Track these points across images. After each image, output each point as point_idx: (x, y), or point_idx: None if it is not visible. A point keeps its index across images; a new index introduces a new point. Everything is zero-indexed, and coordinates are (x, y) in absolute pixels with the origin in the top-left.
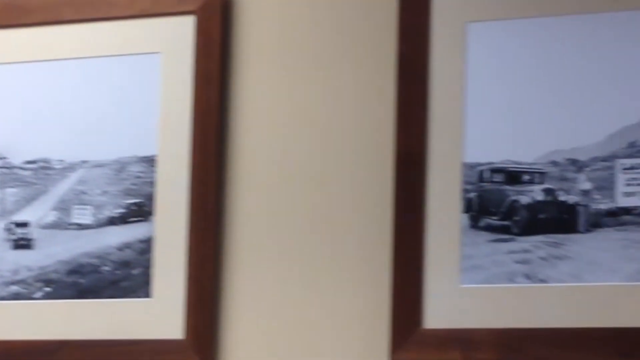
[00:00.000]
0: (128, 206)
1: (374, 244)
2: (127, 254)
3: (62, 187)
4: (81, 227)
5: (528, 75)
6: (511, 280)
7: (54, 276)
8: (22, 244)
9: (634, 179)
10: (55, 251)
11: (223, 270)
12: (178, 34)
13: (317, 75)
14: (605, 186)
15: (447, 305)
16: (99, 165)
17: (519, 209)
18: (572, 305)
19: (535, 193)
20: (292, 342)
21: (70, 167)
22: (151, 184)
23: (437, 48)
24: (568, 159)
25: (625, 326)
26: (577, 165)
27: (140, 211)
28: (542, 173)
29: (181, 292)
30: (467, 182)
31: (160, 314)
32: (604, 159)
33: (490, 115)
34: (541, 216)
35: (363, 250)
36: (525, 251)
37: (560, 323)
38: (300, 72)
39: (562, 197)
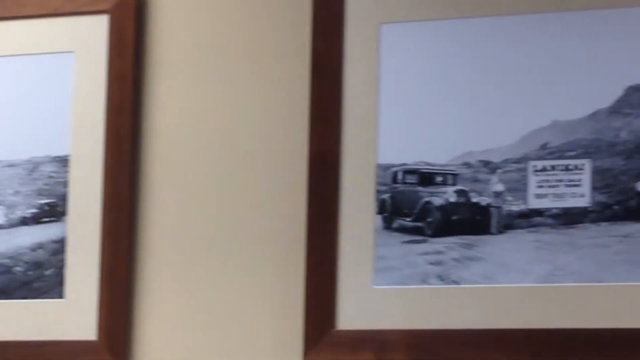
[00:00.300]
0: (41, 206)
1: (288, 244)
2: (40, 255)
3: None
4: None
5: (442, 76)
6: (424, 281)
7: None
8: None
9: (545, 180)
10: None
11: (136, 271)
12: (91, 33)
13: (231, 75)
14: (518, 188)
15: (361, 306)
16: (11, 165)
17: (432, 210)
18: (485, 306)
19: (448, 194)
20: (205, 342)
21: None
22: (64, 184)
23: (351, 49)
24: (481, 161)
25: (536, 327)
26: (490, 166)
27: (53, 211)
28: (454, 174)
29: (94, 293)
30: (380, 184)
31: (73, 315)
32: (517, 161)
33: (404, 117)
34: (454, 217)
35: (277, 251)
36: (438, 252)
37: (472, 324)
38: (214, 72)
39: (475, 199)
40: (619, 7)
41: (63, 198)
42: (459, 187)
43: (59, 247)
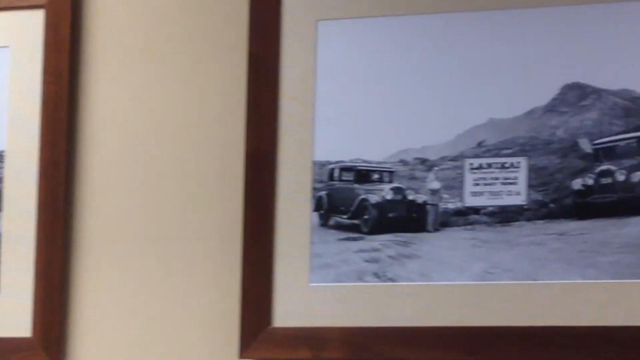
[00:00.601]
0: None
1: (224, 242)
2: None
3: None
4: None
5: (379, 74)
6: (360, 279)
7: None
8: None
9: (481, 178)
10: None
11: (72, 268)
12: (27, 29)
13: (168, 73)
14: (454, 185)
15: (297, 304)
16: None
17: (368, 207)
18: (421, 304)
19: (384, 192)
20: (142, 340)
21: None
22: None
23: (288, 46)
24: (417, 158)
25: (472, 325)
26: (426, 164)
27: None
28: (391, 172)
29: (29, 289)
30: (317, 181)
31: (8, 311)
32: (453, 159)
33: (340, 114)
34: (390, 215)
35: (213, 249)
36: (375, 250)
37: (409, 322)
38: (150, 69)
39: (411, 196)
40: (555, 5)
41: None
42: (395, 184)
43: None
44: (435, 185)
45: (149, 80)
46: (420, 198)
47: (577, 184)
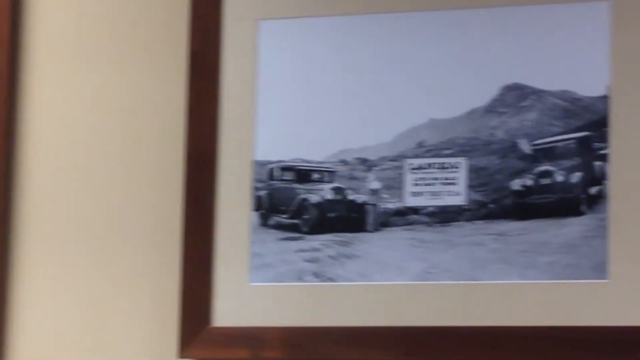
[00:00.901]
0: None
1: (164, 242)
2: None
3: None
4: None
5: (320, 73)
6: (300, 278)
7: None
8: None
9: (421, 178)
10: None
11: (10, 266)
12: None
13: (108, 72)
14: (394, 186)
15: (237, 304)
16: None
17: (308, 207)
18: (360, 304)
19: (324, 192)
20: (81, 340)
21: None
22: None
23: (229, 46)
24: (357, 158)
25: (411, 325)
26: (367, 164)
27: None
28: (331, 172)
29: None
30: (257, 180)
31: None
32: (393, 159)
33: (281, 114)
34: (330, 215)
35: (153, 248)
36: (315, 250)
37: (348, 322)
38: (90, 68)
39: (351, 196)
40: (495, 5)
41: None
42: (335, 184)
43: None
44: (376, 185)
45: (88, 79)
46: (360, 198)
47: (516, 184)
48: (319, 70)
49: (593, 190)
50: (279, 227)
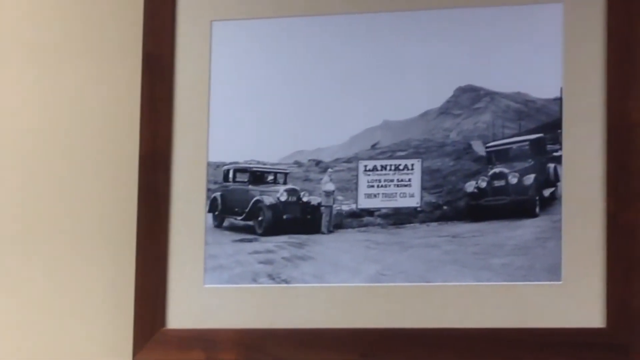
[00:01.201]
0: None
1: (119, 243)
2: None
3: None
4: None
5: (273, 75)
6: (254, 280)
7: None
8: None
9: (376, 180)
10: None
11: None
12: None
13: (63, 72)
14: (348, 187)
15: (191, 305)
16: None
17: (262, 209)
18: (315, 305)
19: (279, 193)
20: (35, 342)
21: None
22: None
23: (183, 47)
24: (312, 160)
25: (366, 327)
26: (321, 166)
27: None
28: (285, 173)
29: None
30: (211, 182)
31: None
32: (347, 160)
33: (235, 115)
34: (285, 217)
35: (107, 249)
36: (269, 251)
37: (303, 323)
38: (45, 68)
39: (306, 198)
40: (449, 7)
41: None
42: (289, 186)
43: None
44: (330, 187)
45: (42, 80)
46: (315, 200)
47: (470, 186)
48: (273, 72)
49: (547, 192)
50: (234, 228)
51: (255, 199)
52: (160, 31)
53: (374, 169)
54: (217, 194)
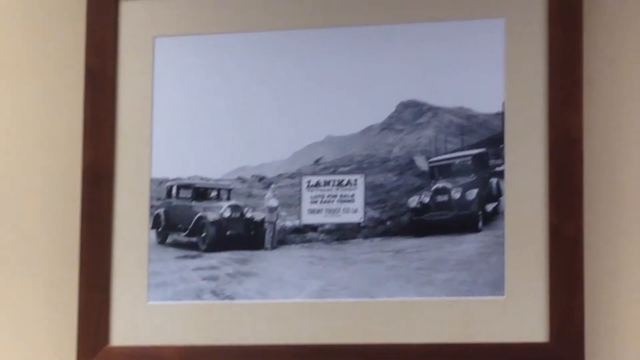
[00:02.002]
0: None
1: (61, 260)
2: None
3: None
4: None
5: (216, 91)
6: (198, 297)
7: None
8: None
9: (319, 196)
10: None
11: None
12: None
13: (5, 87)
14: (292, 203)
15: (135, 322)
16: None
17: (206, 225)
18: (259, 321)
19: (222, 209)
20: None
21: None
22: None
23: (125, 62)
24: (255, 176)
25: (311, 343)
26: (264, 181)
27: None
28: (229, 189)
29: None
30: (155, 198)
31: None
32: (290, 176)
33: (178, 131)
34: (228, 233)
35: (49, 266)
36: (213, 268)
37: (247, 340)
38: None
39: (249, 214)
40: (391, 23)
41: None
42: (233, 202)
43: None
44: (273, 202)
45: None
46: (258, 216)
47: (413, 201)
48: (216, 87)
49: (489, 207)
50: (177, 245)
51: (198, 215)
52: (102, 46)
53: (317, 184)
54: (161, 210)
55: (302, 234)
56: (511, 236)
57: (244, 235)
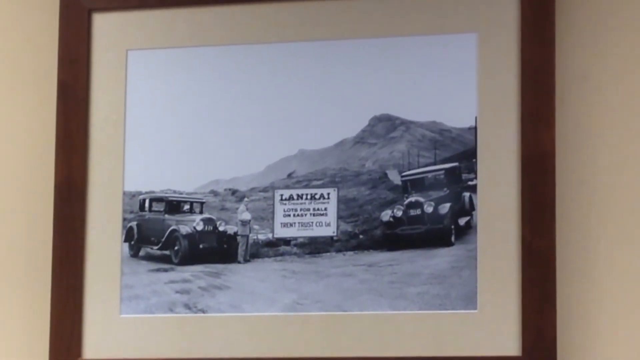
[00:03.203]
0: None
1: (34, 272)
2: None
3: None
4: None
5: (189, 104)
6: (171, 310)
7: None
8: None
9: (292, 209)
10: None
11: None
12: None
13: None
14: (265, 216)
15: (107, 336)
16: None
17: (179, 238)
18: (232, 335)
19: (195, 223)
20: None
21: None
22: None
23: (98, 76)
24: (228, 189)
25: (283, 356)
26: (237, 195)
27: None
28: (201, 203)
29: None
30: (127, 211)
31: None
32: (263, 190)
33: (151, 144)
34: (201, 246)
35: (22, 279)
36: (185, 281)
37: (220, 353)
38: None
39: (222, 227)
40: (364, 37)
41: None
42: (206, 215)
43: None
44: (246, 216)
45: None
46: (231, 229)
47: (386, 215)
48: (189, 101)
49: (462, 221)
50: (150, 258)
51: (171, 228)
52: (75, 60)
53: (290, 198)
54: (133, 224)
55: (275, 247)
56: (484, 250)
57: (216, 249)
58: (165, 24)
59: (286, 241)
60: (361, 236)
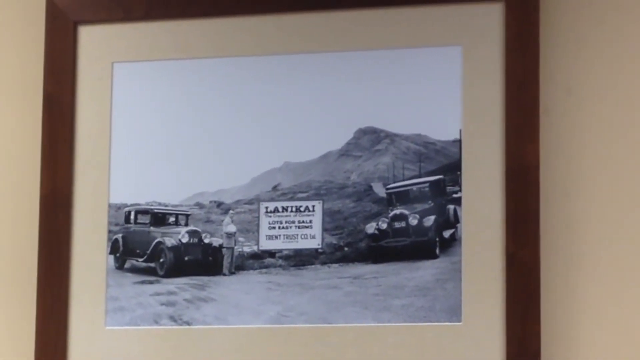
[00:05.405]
0: None
1: (19, 284)
2: None
3: None
4: None
5: (175, 116)
6: (156, 322)
7: None
8: None
9: (277, 222)
10: None
11: None
12: None
13: None
14: (250, 229)
15: (92, 347)
16: None
17: (164, 250)
18: (217, 347)
19: (180, 235)
20: None
21: None
22: None
23: (84, 87)
24: (213, 201)
25: None
26: (222, 207)
27: None
28: (187, 215)
29: None
30: (113, 223)
31: None
32: (249, 202)
33: (136, 156)
34: (186, 258)
35: (7, 291)
36: (170, 293)
37: None
38: None
39: (207, 240)
40: (349, 50)
41: None
42: (191, 227)
43: None
44: (231, 228)
45: None
46: (216, 241)
47: (371, 227)
48: (174, 113)
49: (447, 233)
50: (135, 270)
51: (156, 240)
52: (61, 71)
53: (275, 210)
54: (119, 236)
55: (260, 259)
56: (468, 263)
57: (202, 261)
58: (150, 37)
59: (271, 253)
60: (346, 248)
